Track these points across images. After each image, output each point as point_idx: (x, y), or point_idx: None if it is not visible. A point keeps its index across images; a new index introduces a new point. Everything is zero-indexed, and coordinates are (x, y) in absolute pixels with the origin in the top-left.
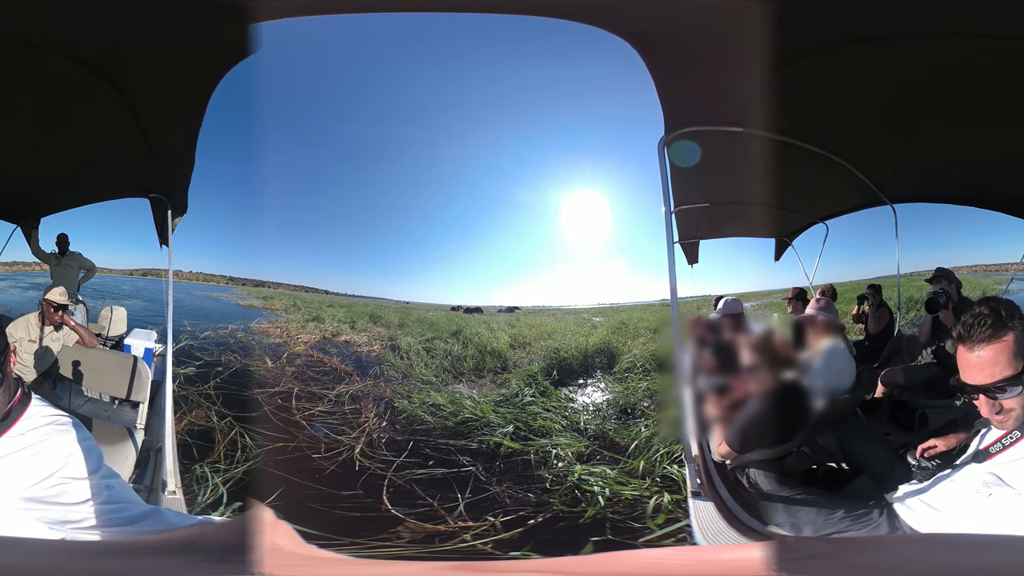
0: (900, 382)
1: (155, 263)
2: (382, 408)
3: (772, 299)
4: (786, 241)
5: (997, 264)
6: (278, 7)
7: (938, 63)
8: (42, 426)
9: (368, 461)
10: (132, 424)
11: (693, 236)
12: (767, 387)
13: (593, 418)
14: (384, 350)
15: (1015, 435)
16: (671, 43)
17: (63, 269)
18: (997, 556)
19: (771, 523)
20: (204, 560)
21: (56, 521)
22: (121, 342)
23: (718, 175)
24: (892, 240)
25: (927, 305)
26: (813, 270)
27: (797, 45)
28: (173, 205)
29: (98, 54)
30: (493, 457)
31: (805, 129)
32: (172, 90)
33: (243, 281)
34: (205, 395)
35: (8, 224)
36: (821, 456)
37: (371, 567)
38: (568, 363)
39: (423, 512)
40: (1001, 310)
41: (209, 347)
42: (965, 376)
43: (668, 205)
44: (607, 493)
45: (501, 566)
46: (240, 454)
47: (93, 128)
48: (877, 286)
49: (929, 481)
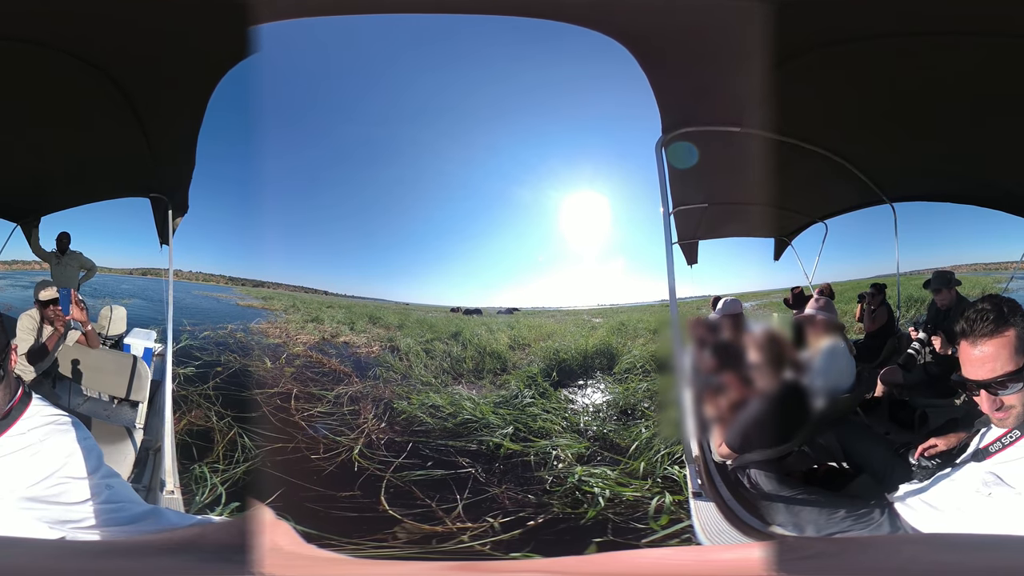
0: (900, 381)
1: (155, 263)
2: (381, 409)
3: (772, 299)
4: (785, 241)
5: (997, 263)
6: (279, 8)
7: (937, 62)
8: (42, 425)
9: (367, 462)
10: (131, 424)
11: (692, 236)
12: (767, 387)
13: (593, 419)
14: (383, 351)
15: (1015, 434)
16: (668, 43)
17: (63, 268)
18: (997, 556)
19: (772, 523)
20: (204, 560)
21: (56, 520)
22: (121, 342)
23: (716, 175)
24: (892, 239)
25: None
26: (813, 269)
27: (795, 44)
28: (174, 205)
29: (99, 53)
30: (493, 458)
31: (804, 128)
32: (173, 89)
33: (243, 281)
34: (204, 395)
35: (8, 223)
36: (822, 456)
37: (370, 567)
38: (568, 364)
39: (421, 513)
40: (1003, 306)
41: (209, 347)
42: (967, 371)
43: (667, 206)
44: (608, 494)
45: (499, 566)
46: (239, 454)
47: (94, 127)
48: (880, 285)
49: (929, 480)
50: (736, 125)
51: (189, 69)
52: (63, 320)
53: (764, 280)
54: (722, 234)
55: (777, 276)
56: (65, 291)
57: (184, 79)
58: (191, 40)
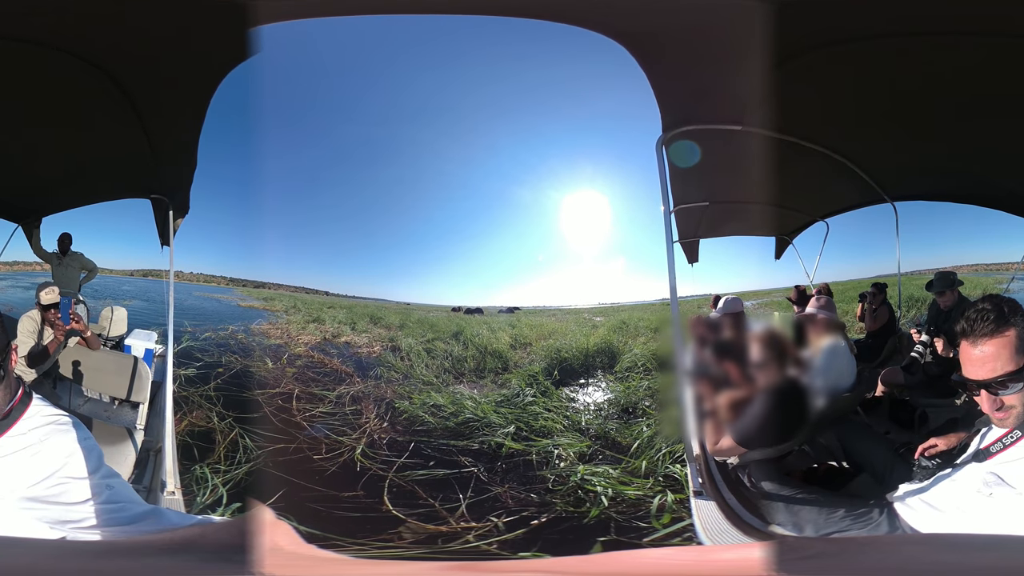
0: (900, 381)
1: (156, 264)
2: (383, 409)
3: (772, 298)
4: (786, 239)
5: (997, 263)
6: (279, 9)
7: (938, 60)
8: (43, 426)
9: (369, 462)
10: (132, 424)
11: (693, 235)
12: (767, 386)
13: (595, 418)
14: (385, 351)
15: (1015, 434)
16: (668, 42)
17: (64, 269)
18: (998, 556)
19: (772, 522)
20: (205, 560)
21: (57, 521)
22: (122, 342)
23: (717, 174)
24: (893, 238)
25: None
26: (814, 269)
27: (796, 42)
28: (175, 206)
29: (100, 53)
30: (495, 458)
31: (805, 127)
32: (174, 90)
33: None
34: (205, 396)
35: (9, 223)
36: (822, 455)
37: (372, 567)
38: (569, 363)
39: (424, 513)
40: (1004, 306)
41: (210, 348)
42: (967, 371)
43: (667, 204)
44: (610, 493)
45: (503, 566)
46: (241, 455)
47: (94, 127)
48: (882, 284)
49: (930, 480)
50: (737, 124)
51: (190, 69)
52: (62, 328)
53: (765, 279)
54: (723, 233)
55: (778, 275)
56: (66, 300)
57: (185, 79)
58: (192, 41)
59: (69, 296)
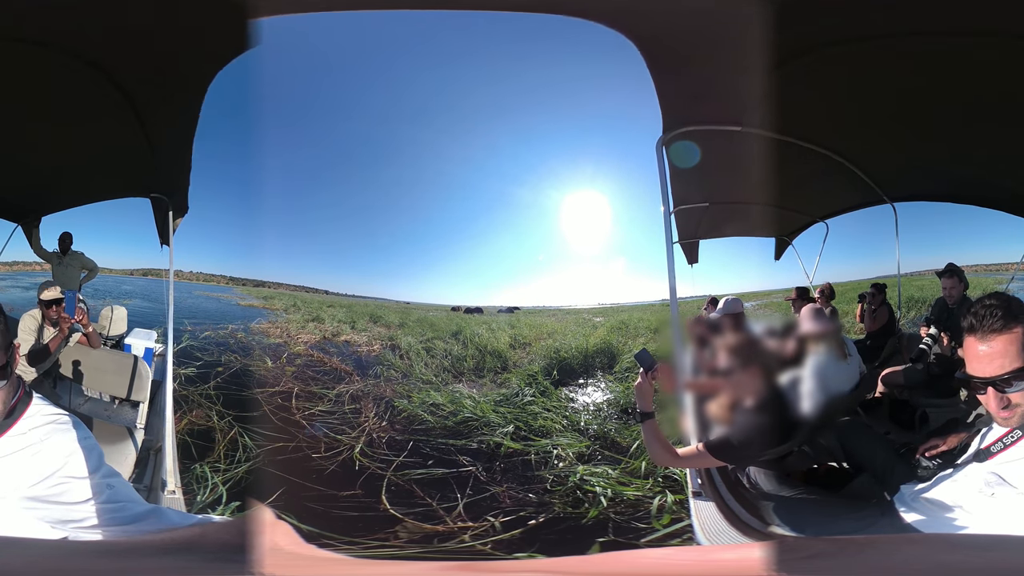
0: (900, 382)
1: (156, 263)
2: (382, 408)
3: (772, 299)
4: (786, 240)
5: (997, 264)
6: (277, 2)
7: (937, 61)
8: (43, 425)
9: (368, 461)
10: (132, 424)
11: (693, 236)
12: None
13: (594, 418)
14: (384, 350)
15: (1016, 434)
16: (670, 42)
17: (65, 268)
18: (999, 556)
19: (772, 523)
20: (205, 560)
21: (57, 520)
22: (121, 342)
23: (717, 174)
24: (892, 239)
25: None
26: (813, 269)
27: (796, 44)
28: (174, 205)
29: (98, 51)
30: (493, 457)
31: (805, 128)
32: (172, 85)
33: (243, 281)
34: (205, 395)
35: (9, 223)
36: (822, 456)
37: (371, 567)
38: (568, 363)
39: (422, 512)
40: (1011, 303)
41: (209, 347)
42: (973, 368)
43: (667, 205)
44: (609, 493)
45: (500, 566)
46: (240, 454)
47: (92, 124)
48: (881, 285)
49: (930, 481)
50: (737, 124)
51: (187, 64)
52: (68, 321)
53: (765, 280)
54: (723, 233)
55: (778, 276)
56: (71, 293)
57: (183, 73)
58: (190, 35)
59: (73, 291)
